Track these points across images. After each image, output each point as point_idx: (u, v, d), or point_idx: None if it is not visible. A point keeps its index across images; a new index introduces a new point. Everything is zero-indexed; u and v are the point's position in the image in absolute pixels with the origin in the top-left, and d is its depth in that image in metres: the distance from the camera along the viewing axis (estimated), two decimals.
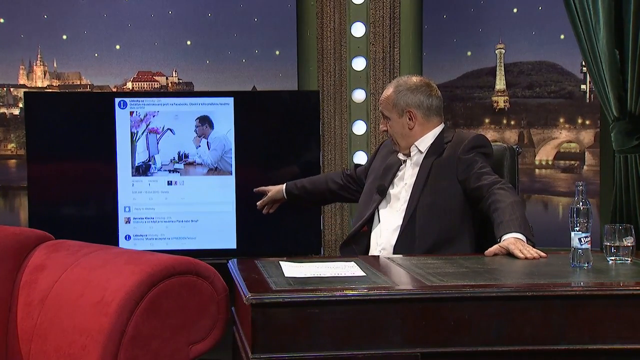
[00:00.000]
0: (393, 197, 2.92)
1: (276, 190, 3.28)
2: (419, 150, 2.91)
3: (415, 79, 2.96)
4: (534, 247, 2.51)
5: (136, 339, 2.09)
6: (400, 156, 2.95)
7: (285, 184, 3.28)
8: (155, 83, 4.28)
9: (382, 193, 2.93)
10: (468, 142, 2.85)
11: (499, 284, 2.12)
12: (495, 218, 2.62)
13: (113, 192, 3.86)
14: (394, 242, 2.82)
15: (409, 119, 2.89)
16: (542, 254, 2.46)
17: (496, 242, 2.55)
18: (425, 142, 2.91)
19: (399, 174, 2.94)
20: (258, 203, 3.30)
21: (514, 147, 3.10)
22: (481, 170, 2.79)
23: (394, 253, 2.79)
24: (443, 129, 2.95)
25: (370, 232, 2.94)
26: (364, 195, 3.04)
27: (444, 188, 2.82)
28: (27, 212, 3.92)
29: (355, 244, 2.96)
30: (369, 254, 2.88)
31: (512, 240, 2.50)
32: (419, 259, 2.48)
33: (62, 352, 2.19)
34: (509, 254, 2.47)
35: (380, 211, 2.94)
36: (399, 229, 2.82)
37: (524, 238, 2.51)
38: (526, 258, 2.42)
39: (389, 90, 2.94)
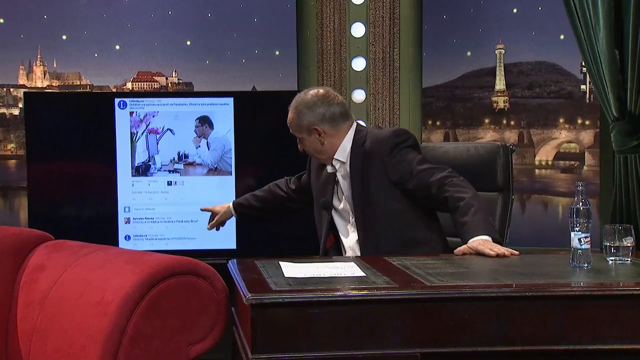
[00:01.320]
0: (343, 212, 2.90)
1: (224, 211, 3.24)
2: (341, 162, 2.86)
3: (311, 92, 2.89)
4: (500, 244, 2.52)
5: (136, 339, 2.09)
6: (329, 169, 2.90)
7: (231, 203, 3.25)
8: (155, 83, 4.28)
9: (327, 209, 2.90)
10: (387, 140, 2.78)
11: (499, 284, 2.12)
12: (457, 218, 2.60)
13: (113, 192, 3.86)
14: (358, 255, 2.80)
15: (318, 135, 2.83)
16: (515, 252, 2.47)
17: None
18: (343, 150, 2.85)
19: (337, 188, 2.90)
20: (208, 226, 3.29)
21: (507, 145, 3.08)
22: (420, 166, 2.73)
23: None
24: (356, 129, 2.89)
25: (340, 246, 2.92)
26: (315, 212, 3.01)
27: (382, 195, 2.77)
28: (27, 212, 3.92)
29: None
30: None
31: (480, 241, 2.50)
32: (419, 260, 2.48)
33: (61, 352, 2.19)
34: (480, 255, 2.47)
35: (338, 228, 2.91)
36: (358, 243, 2.81)
37: (490, 239, 2.52)
38: (497, 255, 2.42)
39: (291, 113, 2.88)
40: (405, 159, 2.76)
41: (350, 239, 2.87)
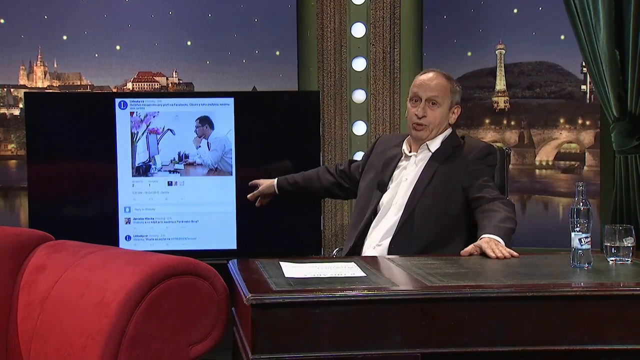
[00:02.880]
0: (391, 191, 2.92)
1: (267, 185, 3.26)
2: (429, 149, 2.91)
3: None
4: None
5: (136, 340, 2.09)
6: (407, 151, 2.95)
7: (276, 179, 3.26)
8: (156, 83, 4.28)
9: (382, 189, 2.93)
10: (480, 150, 2.88)
11: (499, 285, 2.12)
12: (483, 223, 2.64)
13: (113, 192, 3.86)
14: (389, 239, 2.82)
15: (454, 113, 2.94)
16: (515, 253, 2.47)
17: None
18: (436, 142, 2.93)
19: (400, 165, 2.94)
20: (249, 195, 3.29)
21: (503, 147, 3.11)
22: (486, 183, 2.81)
23: (389, 250, 2.79)
24: (452, 132, 2.98)
25: (369, 225, 2.93)
26: (363, 193, 3.02)
27: (446, 192, 2.83)
28: (27, 212, 3.92)
29: (350, 239, 2.96)
30: (364, 248, 2.88)
31: (487, 239, 2.52)
32: (419, 260, 2.48)
33: (62, 352, 2.19)
34: (482, 256, 2.48)
35: (380, 209, 2.93)
36: (396, 226, 2.82)
37: (501, 241, 2.52)
38: (497, 257, 2.42)
39: (441, 79, 2.93)
40: (483, 171, 2.84)
41: (389, 219, 2.87)
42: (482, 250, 2.48)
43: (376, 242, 2.85)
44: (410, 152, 2.95)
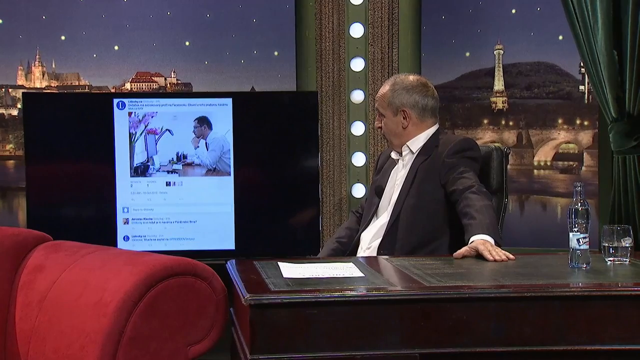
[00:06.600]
0: (385, 195, 2.95)
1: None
2: (411, 151, 2.93)
3: (412, 77, 2.97)
4: (500, 247, 2.52)
5: (135, 340, 2.09)
6: (394, 155, 2.98)
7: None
8: (154, 84, 4.28)
9: (379, 194, 2.95)
10: (453, 145, 2.86)
11: (497, 285, 2.13)
12: (464, 222, 2.63)
13: (111, 193, 3.85)
14: (379, 241, 2.83)
15: (403, 118, 2.91)
16: (511, 256, 2.46)
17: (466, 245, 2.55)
18: (417, 142, 2.92)
19: (395, 170, 2.97)
20: None
21: (502, 147, 3.10)
22: (460, 175, 2.78)
23: (377, 252, 2.80)
24: (437, 130, 2.95)
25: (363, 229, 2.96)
26: (367, 200, 3.09)
27: (428, 191, 2.83)
28: (25, 213, 3.91)
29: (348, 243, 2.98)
30: (357, 252, 2.91)
31: (481, 241, 2.51)
32: (417, 260, 2.48)
33: (60, 352, 2.19)
34: (478, 257, 2.47)
35: (377, 209, 2.97)
36: (385, 229, 2.84)
37: (492, 240, 2.52)
38: (495, 260, 2.42)
39: (385, 88, 2.96)
40: (458, 165, 2.81)
41: (379, 222, 2.90)
42: (478, 253, 2.48)
43: (367, 244, 2.87)
44: (396, 156, 2.98)
